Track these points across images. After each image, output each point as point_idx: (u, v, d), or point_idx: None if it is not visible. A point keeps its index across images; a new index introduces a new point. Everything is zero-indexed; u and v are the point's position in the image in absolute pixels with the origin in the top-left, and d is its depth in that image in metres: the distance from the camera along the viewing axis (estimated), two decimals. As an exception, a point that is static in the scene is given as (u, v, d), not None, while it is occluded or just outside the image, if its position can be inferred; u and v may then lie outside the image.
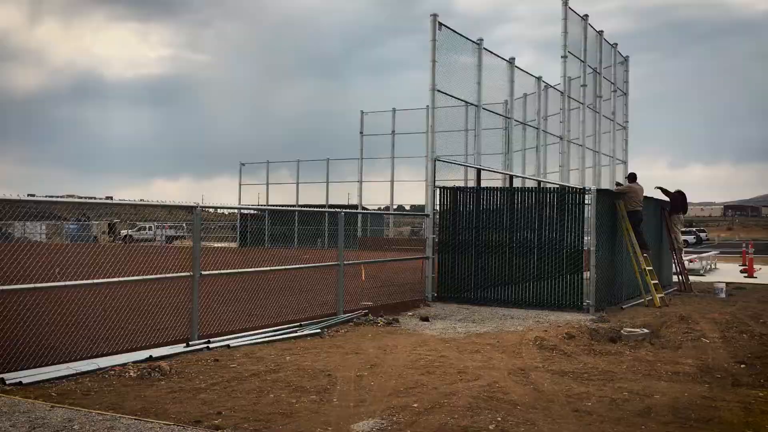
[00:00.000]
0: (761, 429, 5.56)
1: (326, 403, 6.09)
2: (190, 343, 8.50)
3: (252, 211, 40.87)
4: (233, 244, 30.95)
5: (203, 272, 9.09)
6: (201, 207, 9.09)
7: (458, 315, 12.36)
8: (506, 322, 11.60)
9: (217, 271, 10.13)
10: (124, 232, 36.40)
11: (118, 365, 7.23)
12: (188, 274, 8.89)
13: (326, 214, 33.11)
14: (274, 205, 42.81)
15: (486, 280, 14.06)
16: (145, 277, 9.25)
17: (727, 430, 5.50)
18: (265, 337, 9.22)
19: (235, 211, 36.71)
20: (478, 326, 11.06)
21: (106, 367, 7.13)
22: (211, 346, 8.52)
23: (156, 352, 7.93)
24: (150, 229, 36.95)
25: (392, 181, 41.14)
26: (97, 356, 7.52)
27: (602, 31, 20.43)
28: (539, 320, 11.73)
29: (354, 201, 42.27)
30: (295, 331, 9.74)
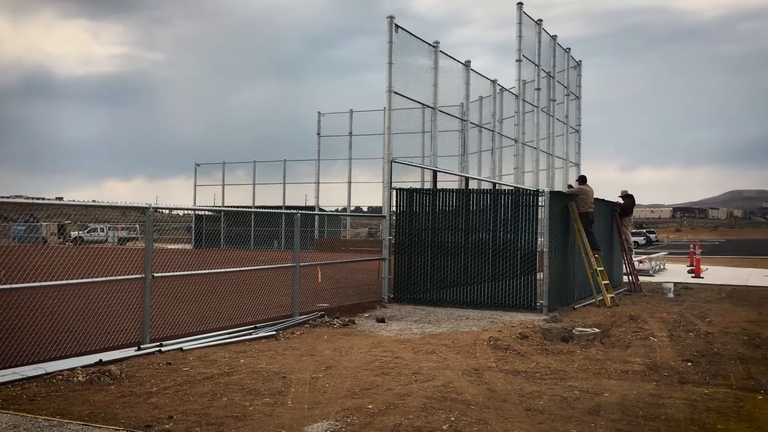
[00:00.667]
0: (705, 425, 5.73)
1: (280, 406, 6.06)
2: (142, 346, 8.36)
3: (207, 213, 40.36)
4: (188, 246, 30.56)
5: (156, 274, 8.95)
6: (154, 208, 8.94)
7: (414, 316, 12.42)
8: (462, 322, 11.70)
9: (170, 273, 9.98)
10: (74, 233, 35.54)
11: (67, 370, 7.06)
12: (140, 276, 8.74)
13: (283, 216, 32.87)
14: (230, 207, 42.32)
15: (442, 281, 14.16)
16: (95, 279, 9.05)
17: (672, 427, 5.65)
18: (219, 340, 9.13)
19: (191, 212, 36.26)
20: (434, 327, 11.14)
21: (54, 372, 6.96)
22: (163, 349, 8.39)
23: (106, 356, 7.77)
24: (102, 230, 36.16)
25: (349, 183, 41.13)
26: (44, 361, 7.33)
27: (556, 36, 20.78)
28: (494, 321, 11.86)
29: (311, 202, 42.14)
30: (250, 334, 9.66)
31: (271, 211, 18.44)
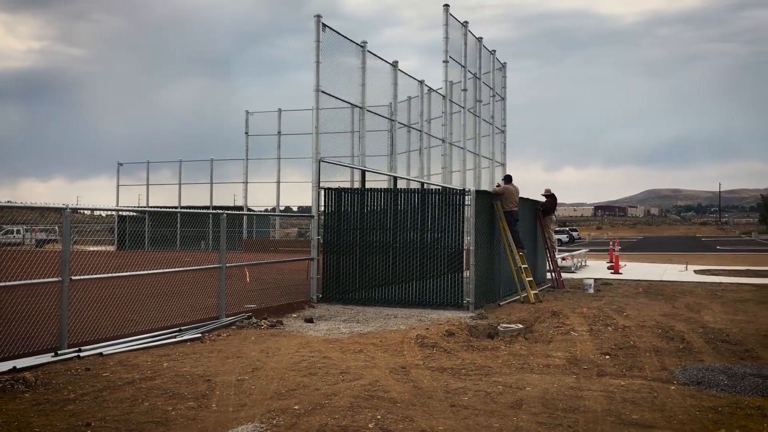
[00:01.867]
0: (621, 415, 5.96)
1: (204, 409, 5.96)
2: (59, 352, 8.07)
3: (131, 213, 39.20)
4: (111, 248, 29.61)
5: (74, 277, 8.64)
6: (71, 209, 8.63)
7: (343, 315, 12.43)
8: (390, 321, 11.77)
9: (89, 276, 9.64)
10: (-13, 235, 33.85)
11: (-23, 379, 6.74)
12: (57, 279, 8.42)
13: (210, 216, 32.29)
14: (154, 207, 41.24)
15: (371, 281, 14.21)
16: (8, 283, 8.66)
17: (590, 419, 5.85)
18: (141, 344, 8.89)
19: (113, 213, 35.13)
20: (363, 326, 11.17)
21: (-37, 381, 6.63)
22: (82, 354, 8.12)
23: (21, 362, 7.46)
24: (18, 232, 34.60)
25: (278, 182, 40.74)
26: (-48, 370, 6.97)
27: (482, 38, 21.16)
28: (422, 319, 11.99)
29: (240, 202, 41.51)
30: (174, 337, 9.45)
31: (197, 211, 18.10)
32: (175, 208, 39.97)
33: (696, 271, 23.70)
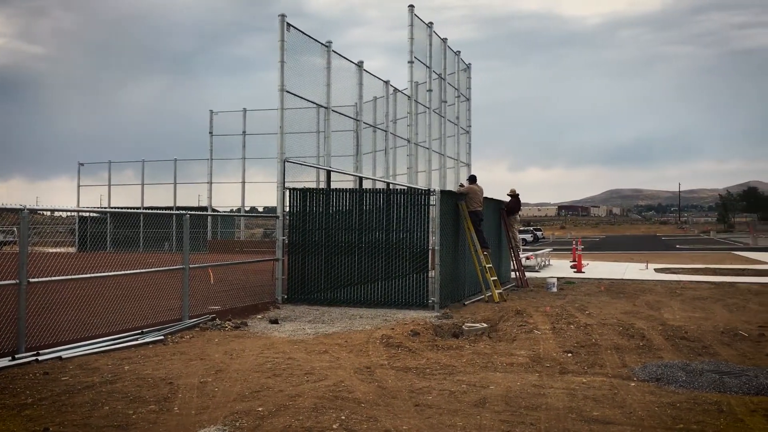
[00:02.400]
0: (582, 412, 6.04)
1: (166, 413, 5.88)
2: (17, 356, 7.89)
3: (93, 214, 38.52)
4: (71, 249, 29.06)
5: (32, 279, 8.45)
6: (29, 209, 8.44)
7: (308, 316, 12.38)
8: (355, 321, 11.77)
9: (48, 278, 9.43)
10: (-58, 237, 32.94)
11: (-71, 384, 6.55)
12: (14, 281, 8.23)
13: (173, 217, 31.88)
14: (116, 208, 40.59)
15: (336, 281, 14.19)
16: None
17: (552, 416, 5.93)
18: (102, 347, 8.74)
19: (74, 213, 34.48)
20: (328, 327, 11.14)
21: None
22: (40, 358, 7.95)
23: (-25, 367, 7.28)
24: (-27, 234, 33.74)
25: (243, 183, 40.43)
26: None
27: (446, 39, 21.27)
28: (387, 319, 12.00)
29: (204, 203, 41.10)
30: (136, 339, 9.32)
31: (160, 212, 17.83)
32: (138, 208, 39.43)
33: (656, 270, 24.17)
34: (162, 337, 9.55)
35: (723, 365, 7.98)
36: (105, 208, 41.06)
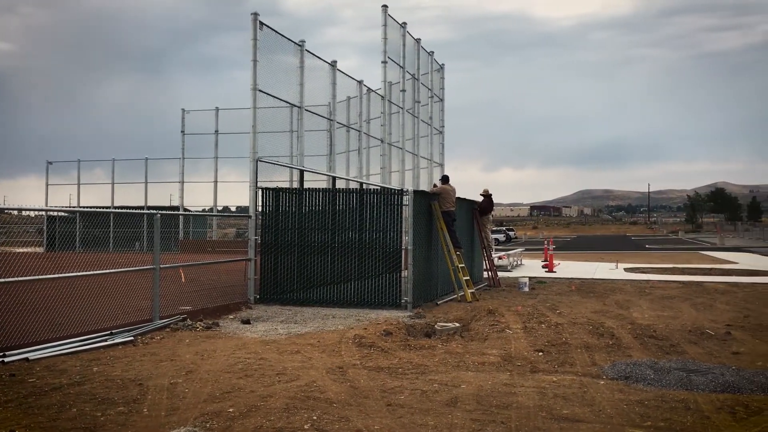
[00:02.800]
0: (552, 410, 6.10)
1: (135, 414, 5.81)
2: (-18, 358, 7.73)
3: (61, 213, 37.90)
4: (39, 249, 28.60)
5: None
6: (-5, 208, 8.29)
7: (281, 316, 12.33)
8: (328, 321, 11.74)
9: (14, 278, 9.26)
10: None
11: None
12: (-21, 282, 8.07)
13: (144, 216, 31.52)
14: (86, 207, 40.02)
15: (309, 281, 14.14)
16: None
17: (522, 414, 5.98)
18: (70, 348, 8.61)
19: (42, 213, 33.92)
20: (300, 327, 11.11)
21: None
22: (7, 360, 7.81)
23: (-61, 370, 7.12)
24: (-62, 233, 32.99)
25: (215, 182, 40.12)
26: None
27: (420, 39, 21.32)
28: (360, 319, 12.00)
29: (176, 202, 40.69)
30: (105, 340, 9.20)
31: (130, 211, 17.56)
32: (108, 208, 38.95)
33: (626, 269, 24.50)
34: (132, 338, 9.44)
35: (690, 363, 8.11)
36: (74, 207, 40.46)
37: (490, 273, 18.63)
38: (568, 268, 25.39)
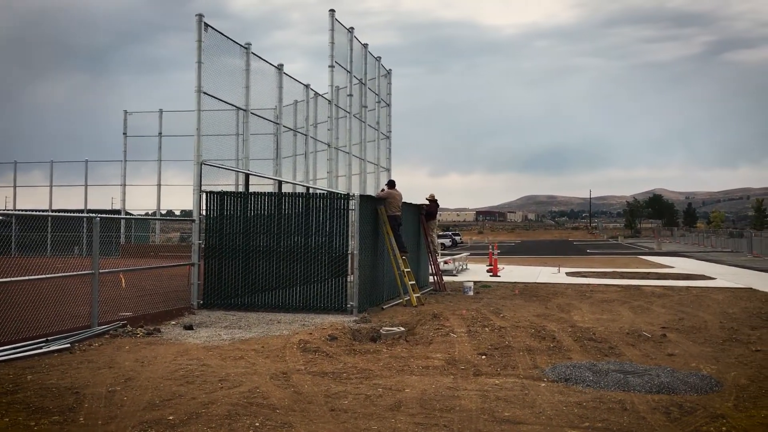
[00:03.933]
0: (494, 413, 6.19)
1: (70, 423, 5.65)
2: None
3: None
4: (-29, 253, 27.46)
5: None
6: None
7: (225, 322, 12.16)
8: (273, 326, 11.64)
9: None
10: None
11: None
12: None
13: (84, 220, 30.64)
14: (22, 210, 38.68)
15: (254, 286, 13.99)
16: None
17: (465, 417, 6.04)
18: (3, 356, 8.31)
19: (-26, 215, 32.66)
20: (245, 332, 10.98)
21: None
22: (-67, 369, 7.48)
23: None
24: None
25: (159, 185, 39.36)
26: None
27: (367, 44, 21.40)
28: (305, 323, 11.93)
29: (118, 205, 39.75)
30: (40, 348, 8.90)
31: (69, 215, 17.07)
32: (46, 211, 37.77)
33: (568, 273, 25.05)
34: (69, 345, 9.17)
35: (627, 365, 8.34)
36: (10, 210, 39.10)
37: (435, 277, 18.77)
38: (512, 272, 25.79)
